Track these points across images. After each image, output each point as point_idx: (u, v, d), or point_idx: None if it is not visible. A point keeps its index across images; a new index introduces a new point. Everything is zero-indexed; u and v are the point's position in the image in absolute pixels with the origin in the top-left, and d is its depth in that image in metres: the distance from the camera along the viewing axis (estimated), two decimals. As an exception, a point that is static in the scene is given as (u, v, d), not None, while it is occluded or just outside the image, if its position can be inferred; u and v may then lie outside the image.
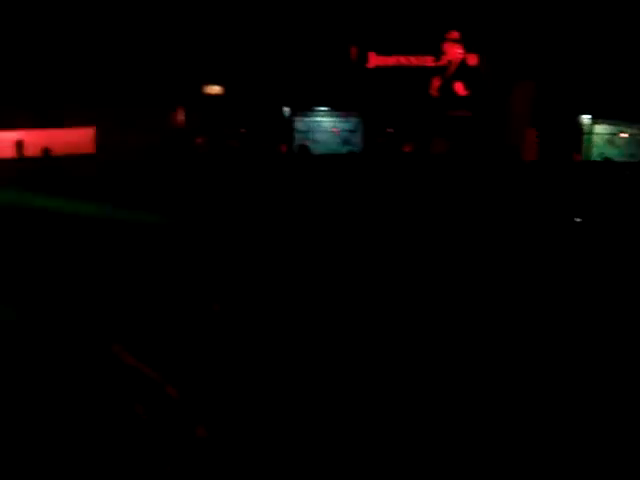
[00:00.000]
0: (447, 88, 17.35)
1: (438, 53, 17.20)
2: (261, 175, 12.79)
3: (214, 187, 11.68)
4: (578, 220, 10.30)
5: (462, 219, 10.29)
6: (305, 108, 17.57)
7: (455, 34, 16.97)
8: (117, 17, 14.88)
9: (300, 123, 17.58)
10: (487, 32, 16.34)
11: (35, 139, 13.02)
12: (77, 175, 11.70)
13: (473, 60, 17.13)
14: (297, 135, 17.44)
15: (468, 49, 17.14)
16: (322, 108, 17.69)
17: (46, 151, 11.53)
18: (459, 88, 17.36)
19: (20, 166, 11.69)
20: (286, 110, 17.56)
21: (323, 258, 8.30)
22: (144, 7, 15.03)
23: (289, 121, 17.59)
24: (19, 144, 10.76)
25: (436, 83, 17.34)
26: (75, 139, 14.39)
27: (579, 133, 16.44)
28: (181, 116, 16.77)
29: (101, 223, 8.93)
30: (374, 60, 17.30)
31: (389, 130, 17.41)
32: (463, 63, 17.18)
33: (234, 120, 17.21)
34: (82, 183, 10.91)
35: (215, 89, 17.28)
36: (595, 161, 15.74)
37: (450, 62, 17.24)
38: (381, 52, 17.27)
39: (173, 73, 16.07)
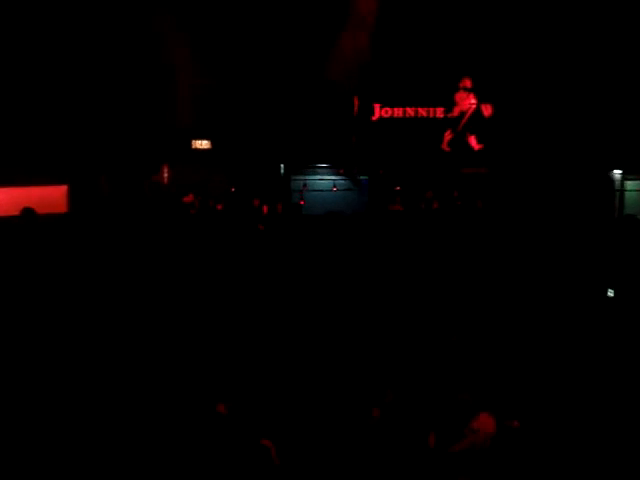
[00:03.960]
0: (460, 142, 15.69)
1: (449, 103, 15.65)
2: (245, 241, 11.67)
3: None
4: None
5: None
6: (303, 165, 16.01)
7: (467, 82, 15.43)
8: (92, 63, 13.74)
9: (296, 182, 15.98)
10: (501, 79, 14.81)
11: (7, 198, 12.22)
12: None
13: (488, 111, 15.53)
14: (293, 195, 15.81)
15: (482, 99, 15.59)
16: (321, 165, 16.12)
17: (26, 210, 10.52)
18: (473, 142, 15.71)
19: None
20: (281, 167, 16.03)
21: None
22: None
23: (285, 179, 16.02)
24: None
25: (448, 137, 15.71)
26: (46, 198, 13.09)
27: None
28: (165, 174, 15.29)
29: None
30: (379, 112, 15.77)
31: (397, 188, 15.63)
32: (477, 114, 15.57)
33: (224, 178, 15.64)
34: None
35: (204, 144, 15.85)
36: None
37: (462, 113, 15.65)
38: (387, 103, 15.77)
39: (158, 126, 14.75)
